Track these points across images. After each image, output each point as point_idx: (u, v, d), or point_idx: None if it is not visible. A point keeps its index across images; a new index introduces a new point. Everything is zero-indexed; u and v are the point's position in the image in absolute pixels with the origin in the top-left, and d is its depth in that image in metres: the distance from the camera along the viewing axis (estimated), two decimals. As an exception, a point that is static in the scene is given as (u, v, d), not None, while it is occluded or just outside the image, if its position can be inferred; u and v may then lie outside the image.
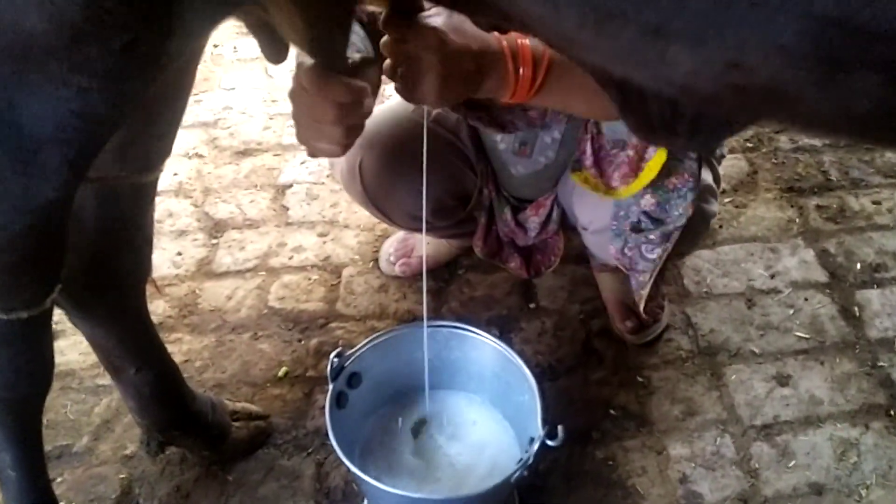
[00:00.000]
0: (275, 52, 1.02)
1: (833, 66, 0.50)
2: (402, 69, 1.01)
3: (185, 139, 2.36)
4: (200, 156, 2.32)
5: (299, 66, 0.99)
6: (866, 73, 0.49)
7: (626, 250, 1.47)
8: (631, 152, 1.35)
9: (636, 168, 1.34)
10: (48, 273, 0.94)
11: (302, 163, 2.26)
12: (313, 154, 1.09)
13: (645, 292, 1.50)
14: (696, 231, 1.54)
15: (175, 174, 2.25)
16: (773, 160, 2.20)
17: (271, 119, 2.42)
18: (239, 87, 2.55)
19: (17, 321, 0.96)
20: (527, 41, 1.07)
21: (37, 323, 0.99)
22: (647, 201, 1.37)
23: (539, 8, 0.64)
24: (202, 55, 1.11)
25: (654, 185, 1.35)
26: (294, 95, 1.01)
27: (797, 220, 2.03)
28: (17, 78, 0.66)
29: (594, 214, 1.49)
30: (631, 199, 1.40)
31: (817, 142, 2.24)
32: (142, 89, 0.72)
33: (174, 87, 1.09)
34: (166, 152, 1.19)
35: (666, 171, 1.34)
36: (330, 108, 0.97)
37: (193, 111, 2.47)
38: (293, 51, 1.00)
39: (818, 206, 2.06)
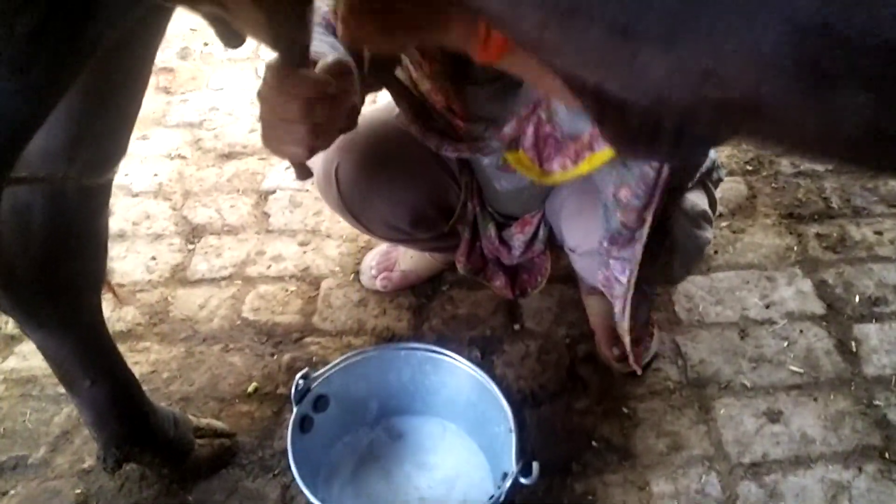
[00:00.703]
0: (229, 38, 0.95)
1: (817, 80, 0.44)
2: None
3: (169, 139, 2.30)
4: (183, 157, 2.25)
5: (266, 64, 0.93)
6: (853, 90, 0.43)
7: (605, 274, 1.39)
8: (586, 139, 1.26)
9: (578, 157, 1.25)
10: None
11: (287, 168, 2.18)
12: (280, 155, 1.02)
13: (626, 324, 1.42)
14: (690, 258, 1.47)
15: (155, 175, 2.18)
16: (773, 184, 2.13)
17: (258, 122, 2.34)
18: (227, 88, 2.48)
19: None
20: None
21: None
22: (622, 215, 1.29)
23: (496, 4, 0.58)
24: (157, 46, 1.03)
25: (615, 199, 1.27)
26: (260, 95, 0.95)
27: (795, 248, 1.96)
28: None
29: (582, 236, 1.42)
30: (615, 219, 1.32)
31: (819, 167, 2.16)
32: (61, 82, 0.64)
33: (123, 80, 1.02)
34: (120, 153, 1.12)
35: (618, 180, 1.26)
36: (294, 103, 0.90)
37: (179, 111, 2.40)
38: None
39: (818, 235, 1.99)
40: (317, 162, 1.54)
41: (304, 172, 1.13)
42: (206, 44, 2.67)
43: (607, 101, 0.81)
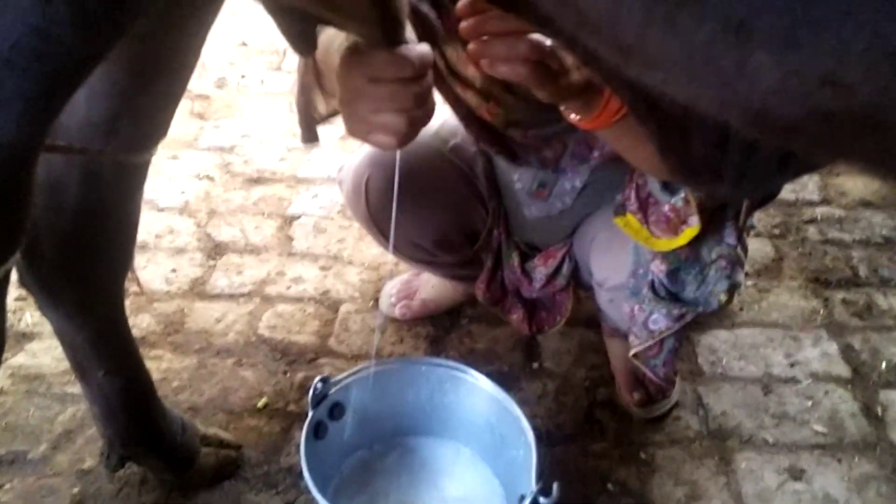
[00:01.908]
0: (302, 42, 0.93)
1: None
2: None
3: (199, 161, 2.31)
4: (211, 178, 2.25)
5: (352, 52, 0.89)
6: None
7: (636, 310, 1.37)
8: (671, 214, 1.26)
9: (676, 229, 1.24)
10: (3, 236, 0.85)
11: (314, 196, 2.19)
12: (368, 142, 0.98)
13: (638, 349, 1.39)
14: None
15: (182, 192, 2.18)
16: (800, 249, 2.11)
17: (289, 151, 2.36)
18: (261, 118, 2.51)
19: None
20: None
21: None
22: (657, 266, 1.29)
23: (601, 4, 0.55)
24: (207, 28, 1.04)
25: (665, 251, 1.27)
26: (356, 87, 0.90)
27: (821, 312, 1.93)
28: None
29: (611, 270, 1.40)
30: (649, 256, 1.31)
31: (847, 236, 2.15)
32: (116, 19, 0.63)
33: (170, 58, 1.02)
34: (160, 133, 1.11)
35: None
36: (399, 91, 0.87)
37: (211, 135, 2.42)
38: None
39: (844, 301, 1.96)
40: (348, 173, 1.54)
41: (313, 134, 1.09)
42: (242, 76, 2.71)
43: (673, 127, 0.80)
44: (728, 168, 0.81)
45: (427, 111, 0.93)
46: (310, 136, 1.08)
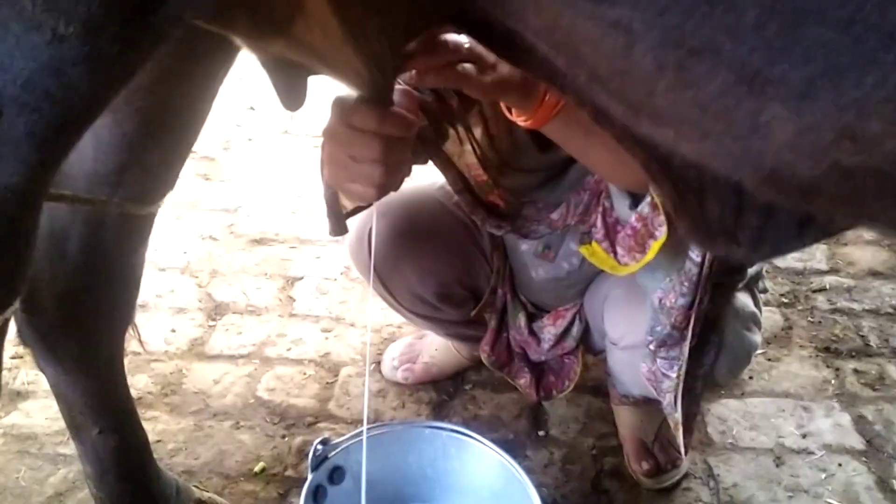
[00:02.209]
0: (292, 97, 0.93)
1: None
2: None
3: (202, 221, 2.30)
4: (214, 239, 2.24)
5: (341, 102, 0.91)
6: None
7: (650, 367, 1.33)
8: (638, 225, 1.22)
9: (644, 244, 1.22)
10: (2, 283, 0.82)
11: (317, 257, 2.17)
12: (348, 195, 0.99)
13: (678, 415, 1.34)
14: (737, 361, 1.41)
15: (185, 252, 2.17)
16: (810, 318, 2.08)
17: (293, 213, 2.35)
18: (265, 180, 2.51)
19: None
20: None
21: None
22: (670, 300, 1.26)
23: (610, 45, 0.53)
24: (219, 82, 1.03)
25: (660, 304, 1.25)
26: (335, 135, 0.92)
27: (833, 382, 1.89)
28: None
29: (628, 327, 1.37)
30: (665, 315, 1.28)
31: (856, 306, 2.12)
32: (128, 59, 0.62)
33: (180, 111, 1.01)
34: (167, 186, 1.10)
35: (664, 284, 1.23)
36: (375, 141, 0.88)
37: (215, 196, 2.42)
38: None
39: (856, 371, 1.92)
40: (351, 222, 1.52)
41: (341, 227, 1.10)
42: (249, 139, 2.72)
43: (687, 188, 0.78)
44: (745, 231, 0.78)
45: (406, 169, 0.96)
46: (338, 229, 1.09)
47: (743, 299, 1.38)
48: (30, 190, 0.71)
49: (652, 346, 1.29)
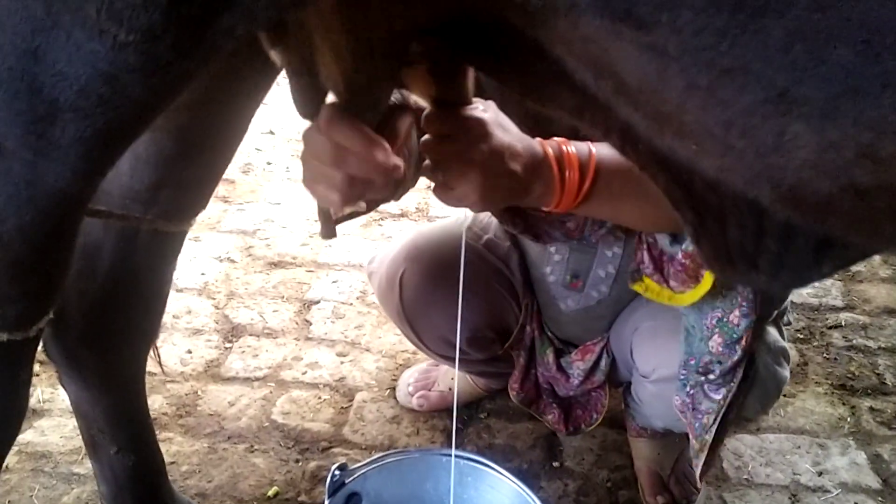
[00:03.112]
0: (306, 104, 0.93)
1: None
2: (444, 166, 0.93)
3: (221, 243, 2.31)
4: (232, 261, 2.25)
5: (324, 104, 0.91)
6: None
7: (686, 388, 1.32)
8: (686, 261, 1.23)
9: (696, 275, 1.22)
10: (40, 292, 0.83)
11: (333, 281, 2.18)
12: (316, 198, 0.97)
13: (707, 437, 1.33)
14: (768, 396, 1.40)
15: (203, 274, 2.18)
16: (825, 355, 2.07)
17: (310, 237, 2.37)
18: (284, 203, 2.53)
19: None
20: (572, 148, 1.00)
21: (15, 352, 0.87)
22: (716, 342, 1.25)
23: (641, 65, 0.55)
24: (256, 105, 1.05)
25: (720, 322, 1.24)
26: (306, 134, 0.89)
27: (849, 420, 1.88)
28: (49, 21, 0.57)
29: (660, 361, 1.36)
30: (704, 346, 1.27)
31: (872, 343, 2.12)
32: (183, 68, 0.63)
33: (217, 131, 1.03)
34: (200, 204, 1.11)
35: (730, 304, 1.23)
36: (328, 146, 0.84)
37: (234, 218, 2.44)
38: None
39: (872, 409, 1.91)
40: (382, 266, 1.53)
41: (330, 230, 1.08)
42: (268, 163, 2.75)
43: (708, 212, 0.79)
44: (765, 257, 0.79)
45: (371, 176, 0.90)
46: (328, 232, 1.07)
47: (773, 334, 1.38)
48: (76, 196, 0.72)
49: (701, 378, 1.28)
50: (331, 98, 0.88)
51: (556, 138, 1.01)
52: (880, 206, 0.51)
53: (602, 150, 1.01)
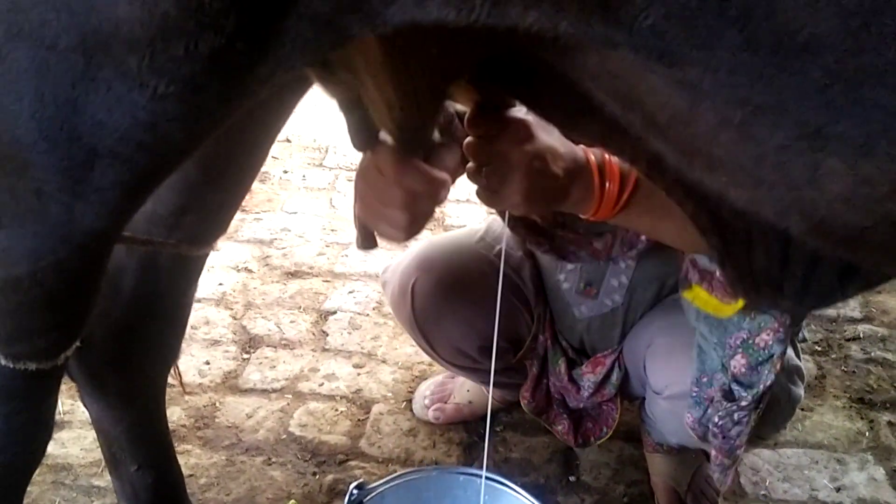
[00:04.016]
0: (361, 138, 0.95)
1: None
2: (488, 168, 0.94)
3: (238, 253, 2.33)
4: (249, 271, 2.27)
5: (378, 145, 0.93)
6: None
7: (714, 418, 1.31)
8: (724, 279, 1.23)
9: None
10: (70, 323, 0.84)
11: (350, 292, 2.19)
12: (376, 231, 1.00)
13: (731, 471, 1.33)
14: (783, 414, 1.40)
15: (220, 284, 2.19)
16: (843, 368, 2.06)
17: (327, 246, 2.38)
18: (301, 213, 2.54)
19: (22, 373, 0.85)
20: (614, 157, 1.00)
21: (43, 381, 0.88)
22: (738, 363, 1.24)
23: (673, 101, 0.55)
24: (278, 129, 1.06)
25: (745, 344, 1.23)
26: (366, 173, 0.94)
27: (867, 434, 1.87)
28: (90, 74, 0.58)
29: (673, 377, 1.36)
30: (719, 364, 1.27)
31: (891, 356, 2.10)
32: (221, 115, 0.64)
33: (240, 157, 1.04)
34: (221, 228, 1.12)
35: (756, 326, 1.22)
36: (403, 193, 0.90)
37: (251, 228, 2.45)
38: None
39: (890, 423, 1.90)
40: (395, 275, 1.54)
41: (370, 242, 1.10)
42: (285, 171, 2.76)
43: (735, 238, 0.79)
44: (790, 282, 0.79)
45: (433, 210, 0.96)
46: (366, 244, 1.09)
47: (787, 352, 1.37)
48: (108, 233, 0.74)
49: (726, 403, 1.27)
50: (383, 134, 0.90)
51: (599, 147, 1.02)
52: None
53: None
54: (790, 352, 1.39)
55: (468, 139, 0.95)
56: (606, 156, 1.00)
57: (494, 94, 0.91)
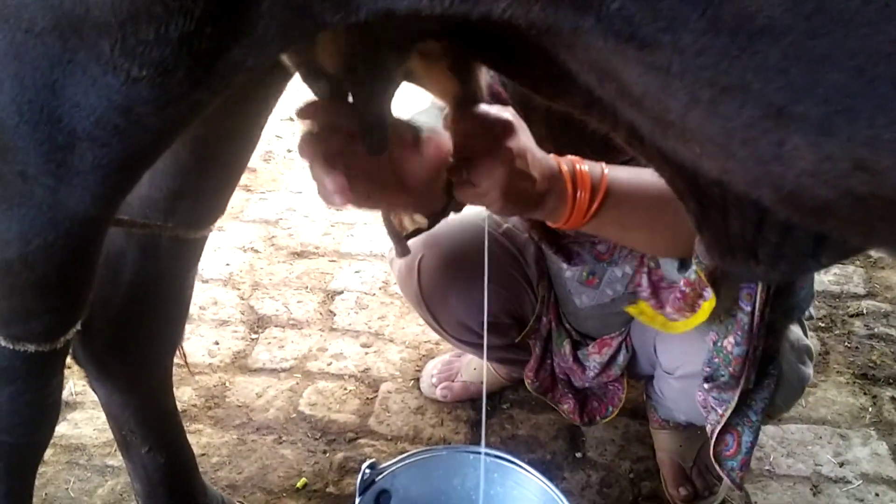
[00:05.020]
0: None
1: None
2: (470, 164, 0.93)
3: (244, 233, 2.34)
4: (256, 251, 2.28)
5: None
6: None
7: (704, 396, 1.34)
8: (686, 289, 1.25)
9: (693, 304, 1.23)
10: (65, 307, 0.86)
11: (356, 272, 2.20)
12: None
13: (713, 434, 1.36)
14: (792, 393, 1.41)
15: (227, 264, 2.21)
16: (847, 344, 2.08)
17: (332, 226, 2.39)
18: (306, 192, 2.54)
19: (21, 354, 0.86)
20: (585, 167, 1.01)
21: (44, 362, 0.90)
22: (729, 342, 1.27)
23: (645, 79, 0.56)
24: (268, 115, 1.06)
25: (716, 347, 1.26)
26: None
27: (870, 410, 1.88)
28: (66, 57, 0.60)
29: (684, 358, 1.38)
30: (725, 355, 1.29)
31: (894, 331, 2.12)
32: (195, 99, 0.65)
33: (232, 139, 1.04)
34: (218, 211, 1.13)
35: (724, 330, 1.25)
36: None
37: (257, 208, 2.46)
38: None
39: (893, 399, 1.92)
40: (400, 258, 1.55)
41: (403, 249, 1.11)
42: (289, 150, 2.76)
43: (711, 204, 0.81)
44: (764, 248, 0.80)
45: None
46: (402, 251, 1.10)
47: (796, 332, 1.39)
48: (96, 218, 0.75)
49: (706, 385, 1.31)
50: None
51: (570, 157, 1.03)
52: (876, 211, 0.53)
53: (617, 173, 1.03)
54: (799, 332, 1.40)
55: (450, 133, 0.93)
56: (577, 165, 1.01)
57: (470, 86, 0.89)
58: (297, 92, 1.08)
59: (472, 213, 1.58)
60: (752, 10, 0.45)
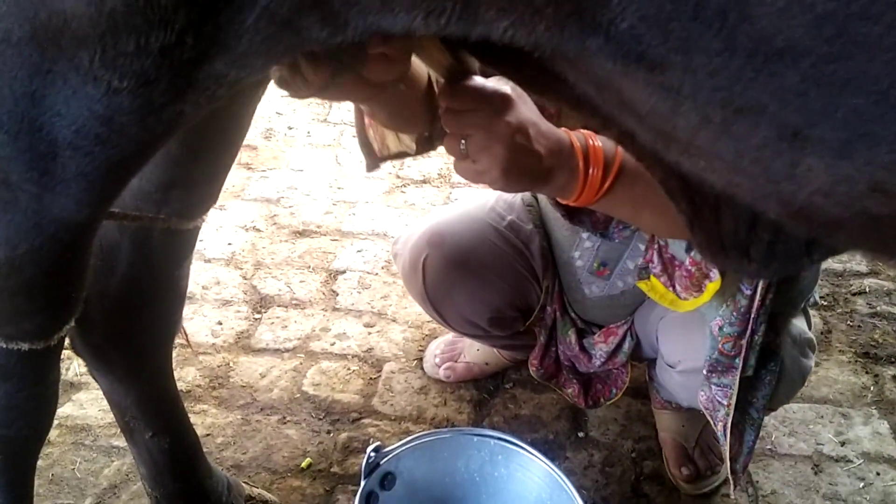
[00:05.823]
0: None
1: None
2: (467, 140, 0.90)
3: (246, 212, 2.33)
4: (258, 230, 2.27)
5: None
6: None
7: (707, 395, 1.34)
8: (693, 269, 1.24)
9: (699, 284, 1.23)
10: (56, 307, 0.86)
11: (358, 251, 2.20)
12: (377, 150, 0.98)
13: (727, 447, 1.36)
14: (793, 385, 1.42)
15: (229, 244, 2.20)
16: (849, 322, 2.08)
17: (334, 204, 2.38)
18: (307, 170, 2.53)
19: (15, 352, 0.87)
20: (598, 142, 0.97)
21: (39, 359, 0.91)
22: (716, 324, 1.27)
23: (653, 99, 0.54)
24: (257, 103, 1.05)
25: (721, 332, 1.27)
26: None
27: (872, 388, 1.89)
28: (45, 67, 0.60)
29: (686, 352, 1.38)
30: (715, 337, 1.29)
31: (896, 310, 2.12)
32: (176, 110, 0.64)
33: (222, 129, 1.03)
34: (210, 200, 1.12)
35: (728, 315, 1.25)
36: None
37: (258, 186, 2.45)
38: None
39: (895, 378, 1.92)
40: (405, 249, 1.55)
41: (373, 164, 1.07)
42: (290, 127, 2.75)
43: (704, 203, 0.80)
44: (756, 246, 0.80)
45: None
46: (372, 165, 1.05)
47: (799, 325, 1.39)
48: (82, 224, 0.75)
49: (705, 371, 1.31)
50: None
51: (582, 130, 0.99)
52: (890, 231, 0.53)
53: None
54: (802, 324, 1.40)
55: (446, 108, 0.90)
56: (590, 140, 0.97)
57: (465, 59, 0.87)
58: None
59: (476, 206, 1.58)
60: (771, 31, 0.44)
